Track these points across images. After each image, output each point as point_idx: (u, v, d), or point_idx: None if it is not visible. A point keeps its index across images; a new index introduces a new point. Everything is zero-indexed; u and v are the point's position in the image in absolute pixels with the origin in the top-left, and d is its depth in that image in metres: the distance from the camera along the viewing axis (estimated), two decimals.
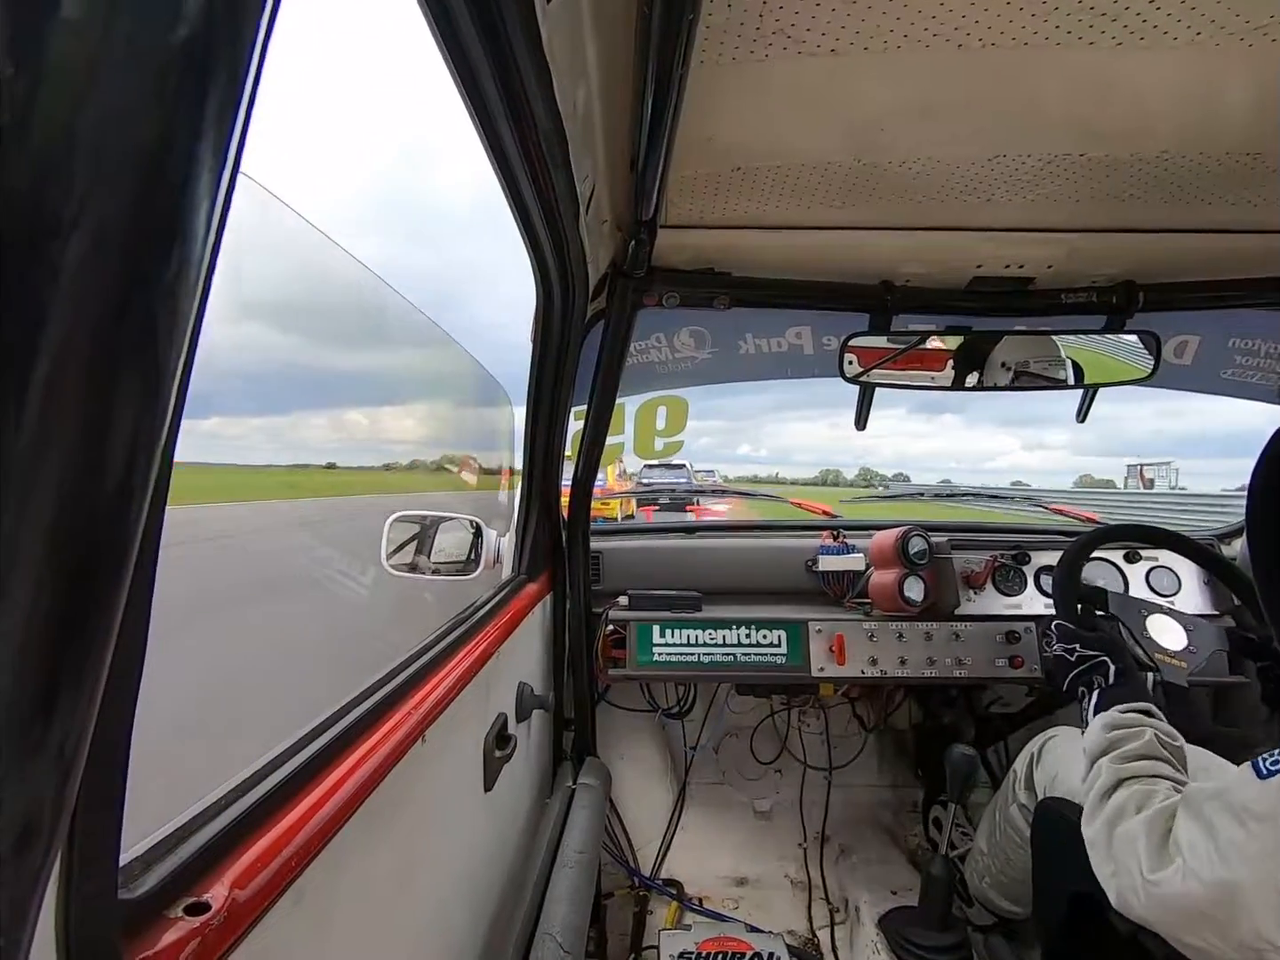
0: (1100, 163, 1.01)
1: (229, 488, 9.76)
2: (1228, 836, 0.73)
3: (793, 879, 1.94)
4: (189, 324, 0.22)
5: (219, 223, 0.23)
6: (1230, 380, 1.57)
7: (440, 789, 0.87)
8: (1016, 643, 1.56)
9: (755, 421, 45.63)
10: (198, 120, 0.21)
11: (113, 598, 0.22)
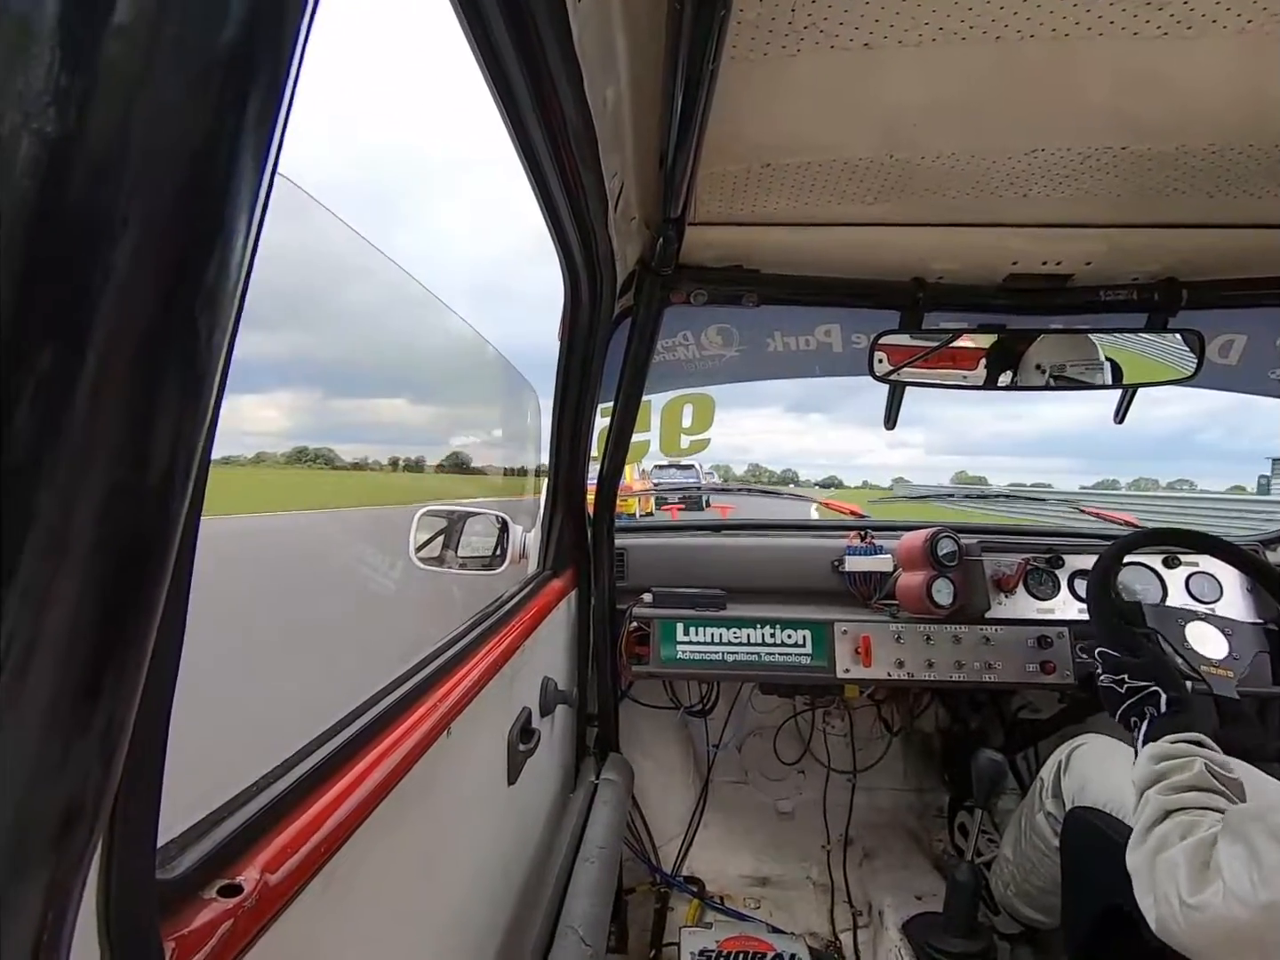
0: (1143, 156, 0.98)
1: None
2: (1271, 858, 0.71)
3: (815, 881, 1.92)
4: (229, 324, 0.23)
5: (258, 224, 0.23)
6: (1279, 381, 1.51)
7: (464, 781, 0.88)
8: (1049, 648, 1.53)
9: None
10: (240, 122, 0.21)
11: (156, 587, 0.23)
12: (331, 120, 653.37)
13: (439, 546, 1.44)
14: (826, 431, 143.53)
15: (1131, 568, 1.65)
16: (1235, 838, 0.76)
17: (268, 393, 11.80)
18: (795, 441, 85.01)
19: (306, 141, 5.29)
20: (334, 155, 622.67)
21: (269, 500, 11.45)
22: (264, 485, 15.20)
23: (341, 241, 1.15)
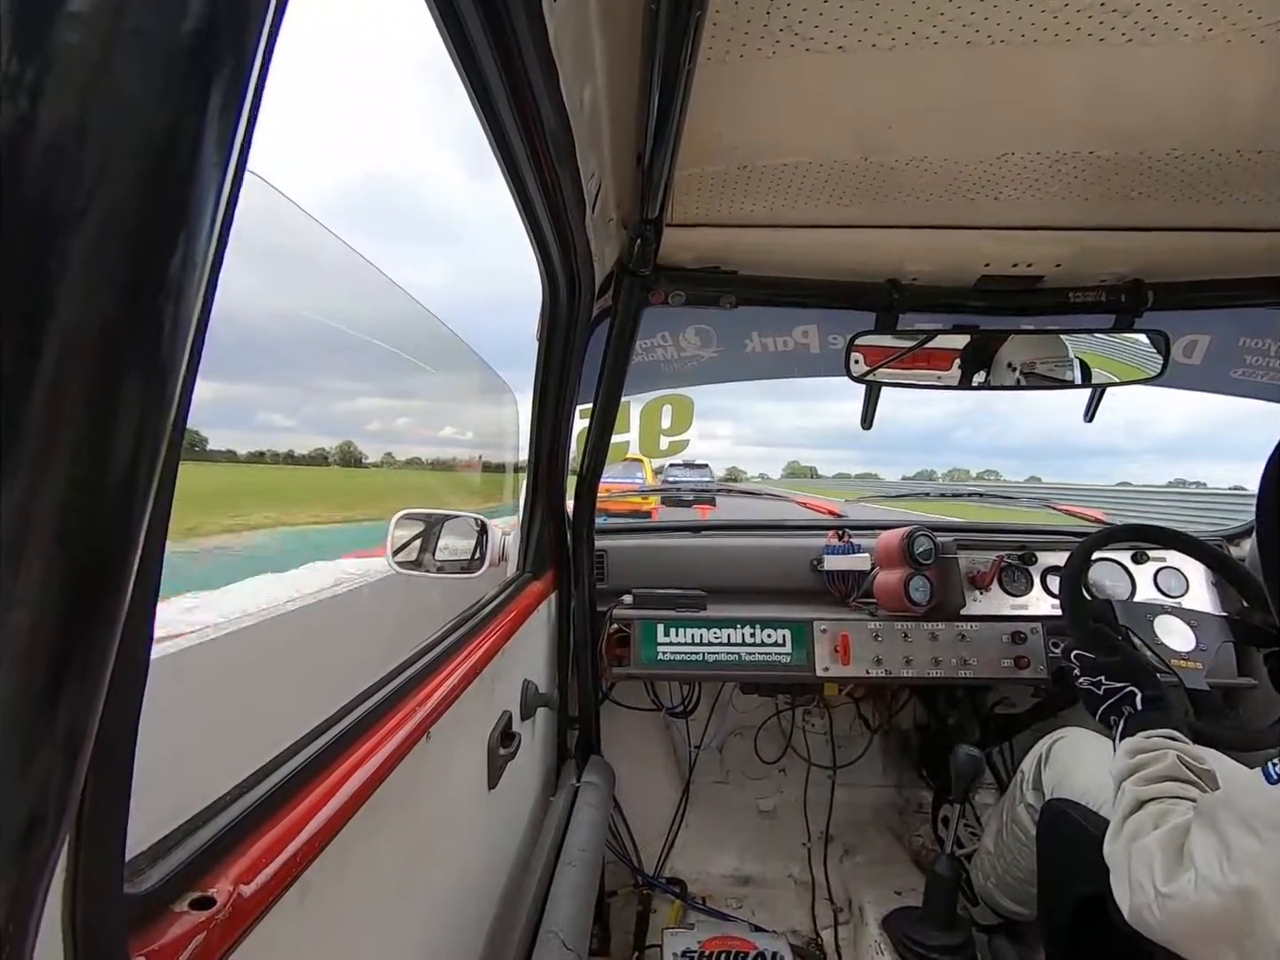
0: (1110, 161, 1.00)
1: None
2: (1241, 845, 0.72)
3: (796, 879, 1.93)
4: (193, 318, 0.22)
5: (225, 218, 0.23)
6: (1241, 380, 1.55)
7: (444, 786, 0.87)
8: (1023, 643, 1.56)
9: (456, 404, 44.93)
10: (203, 113, 0.21)
11: (118, 589, 0.22)
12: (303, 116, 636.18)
13: (416, 550, 1.42)
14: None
15: (1102, 564, 1.69)
16: (1206, 826, 0.78)
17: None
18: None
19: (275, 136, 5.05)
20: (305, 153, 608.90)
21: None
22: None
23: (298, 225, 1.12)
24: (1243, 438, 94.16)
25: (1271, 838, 0.70)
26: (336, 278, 1.53)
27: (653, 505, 8.91)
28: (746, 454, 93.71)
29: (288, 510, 8.45)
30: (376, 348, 3.01)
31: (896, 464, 73.25)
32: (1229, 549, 1.77)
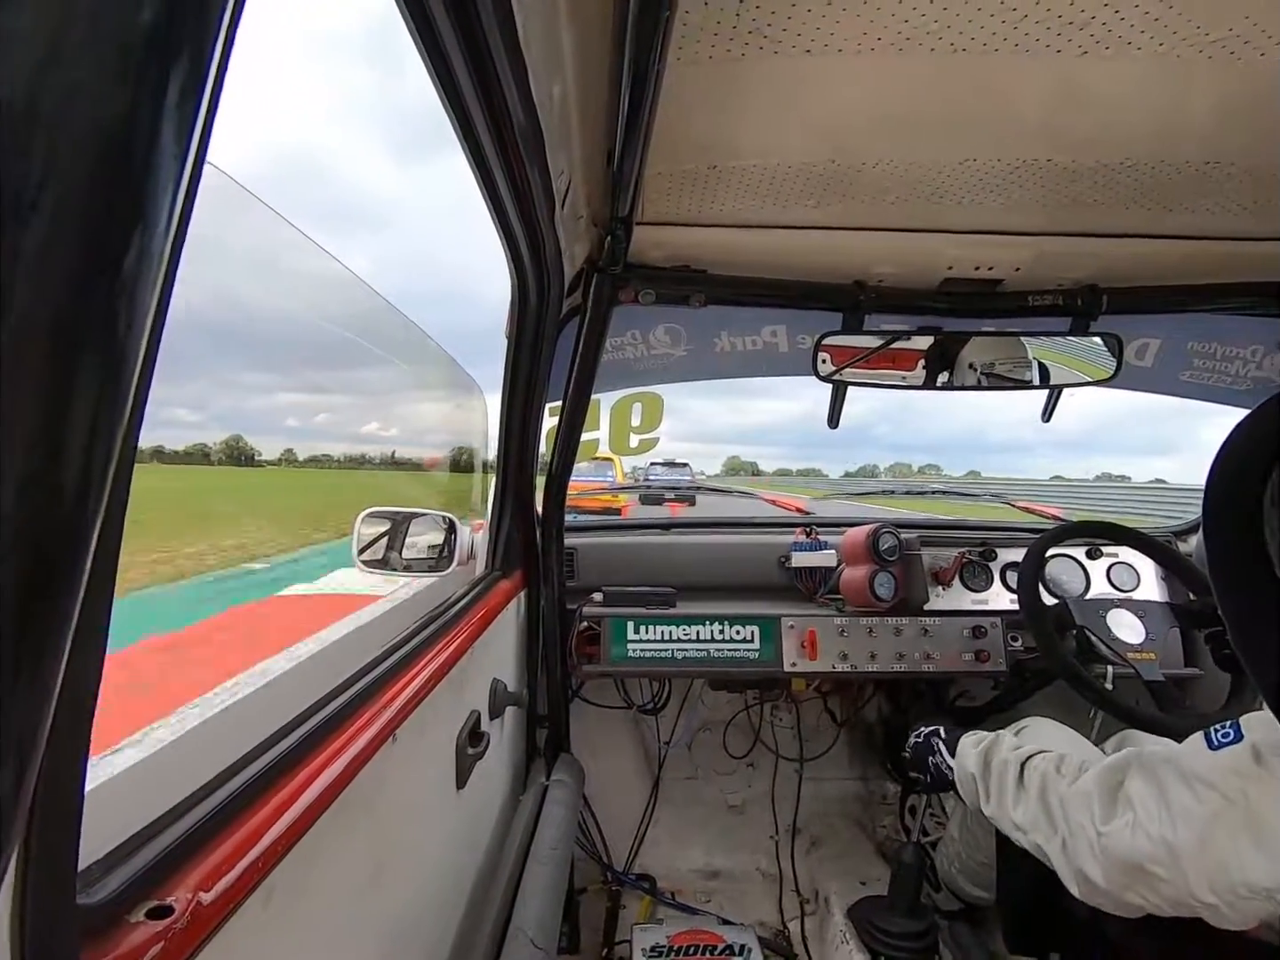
0: (1067, 168, 1.03)
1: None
2: (1179, 800, 0.78)
3: (764, 871, 1.96)
4: (150, 312, 0.22)
5: (183, 210, 0.22)
6: (1188, 382, 1.61)
7: (412, 788, 0.86)
8: (983, 637, 1.60)
9: (384, 399, 45.12)
10: (160, 102, 0.20)
11: (70, 589, 0.22)
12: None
13: (383, 548, 1.40)
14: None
15: (1058, 560, 1.74)
16: (1149, 776, 0.83)
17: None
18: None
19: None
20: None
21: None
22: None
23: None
24: (1129, 434, 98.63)
25: (1207, 797, 0.76)
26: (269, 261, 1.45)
27: (623, 503, 8.92)
28: (682, 450, 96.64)
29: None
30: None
31: (834, 460, 75.65)
32: (1177, 544, 1.84)
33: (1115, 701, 1.28)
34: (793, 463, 78.41)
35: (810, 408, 16.99)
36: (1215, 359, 1.57)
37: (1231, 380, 1.59)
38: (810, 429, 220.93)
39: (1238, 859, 0.72)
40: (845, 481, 37.78)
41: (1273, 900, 0.71)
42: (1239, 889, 0.73)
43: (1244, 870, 0.72)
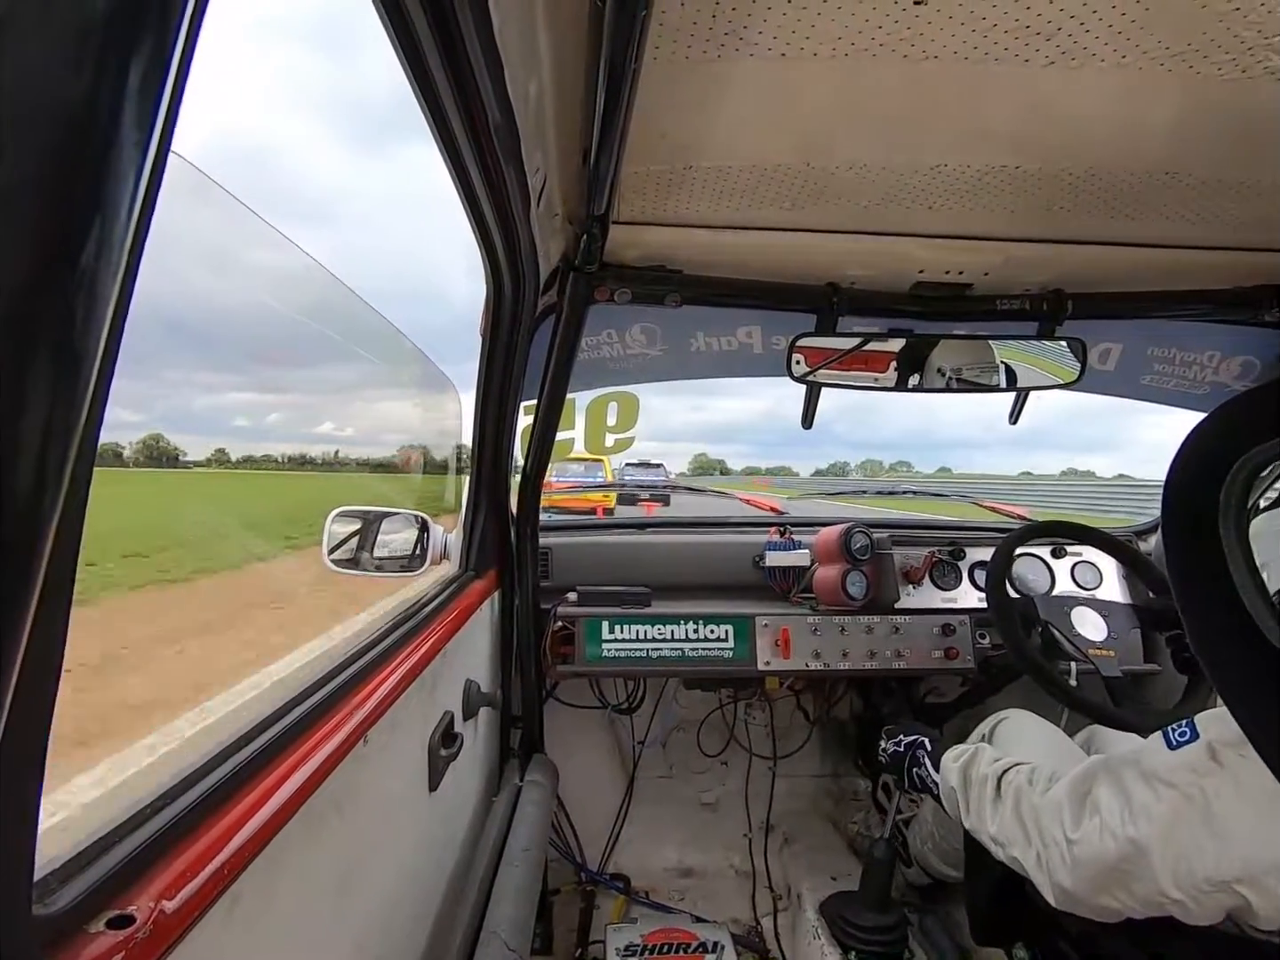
0: (1034, 175, 1.06)
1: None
2: (1140, 799, 0.80)
3: (737, 868, 1.97)
4: (109, 307, 0.21)
5: (145, 200, 0.22)
6: (1149, 386, 1.66)
7: (383, 790, 0.85)
8: (952, 635, 1.63)
9: (343, 397, 47.00)
10: (120, 87, 0.19)
11: (23, 591, 0.21)
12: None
13: (354, 548, 1.38)
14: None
15: (1024, 559, 1.78)
16: (1113, 780, 0.85)
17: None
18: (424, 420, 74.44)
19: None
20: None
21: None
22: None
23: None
24: (1073, 432, 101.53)
25: (1166, 794, 0.78)
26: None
27: (611, 502, 8.94)
28: (647, 449, 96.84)
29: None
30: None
31: (796, 457, 76.78)
32: (1138, 543, 1.90)
33: (1078, 697, 1.31)
34: (758, 460, 79.70)
35: (772, 405, 17.41)
36: (1174, 364, 1.62)
37: (1189, 385, 1.63)
38: (772, 426, 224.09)
39: (1198, 853, 0.75)
40: (815, 481, 38.26)
41: (1233, 892, 0.74)
42: (1201, 884, 0.75)
43: (1204, 864, 0.74)
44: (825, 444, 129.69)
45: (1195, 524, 0.70)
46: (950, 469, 71.02)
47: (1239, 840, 0.73)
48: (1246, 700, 0.70)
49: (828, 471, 65.06)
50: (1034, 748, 1.25)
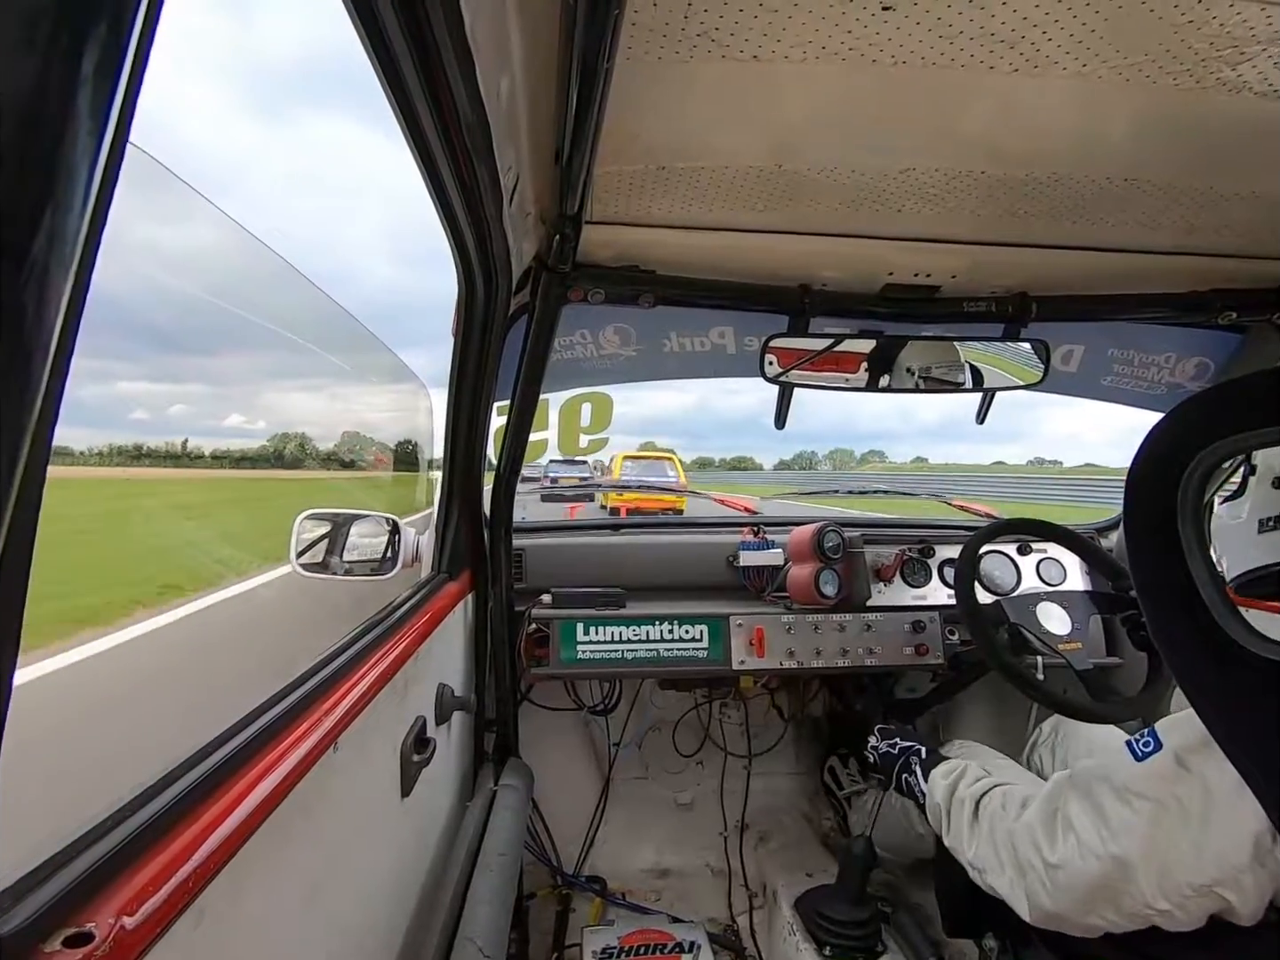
0: (1000, 180, 1.08)
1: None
2: (1116, 815, 0.81)
3: (713, 868, 1.98)
4: (62, 301, 0.20)
5: (101, 191, 0.21)
6: (1109, 387, 1.70)
7: (354, 797, 0.84)
8: (922, 631, 1.65)
9: (253, 388, 47.50)
10: (73, 74, 0.19)
11: None
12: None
13: (323, 551, 1.35)
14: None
15: (991, 556, 1.81)
16: (1083, 796, 0.86)
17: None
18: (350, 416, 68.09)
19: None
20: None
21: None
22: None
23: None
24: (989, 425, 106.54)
25: (1142, 808, 0.79)
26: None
27: (683, 503, 9.02)
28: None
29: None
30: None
31: (764, 450, 77.63)
32: (1099, 540, 1.95)
33: (1046, 691, 1.34)
34: (687, 452, 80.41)
35: (701, 399, 17.76)
36: (1134, 365, 1.67)
37: (1148, 385, 1.68)
38: (702, 419, 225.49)
39: (1179, 859, 0.77)
40: (779, 474, 38.26)
41: (1215, 896, 0.76)
42: (1184, 889, 0.77)
43: (1186, 869, 0.76)
44: (753, 435, 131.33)
45: (1155, 521, 0.72)
46: (925, 458, 72.05)
47: (1214, 841, 0.75)
48: (1206, 691, 0.72)
49: (792, 462, 65.46)
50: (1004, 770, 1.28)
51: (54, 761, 1.67)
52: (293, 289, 1.84)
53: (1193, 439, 0.70)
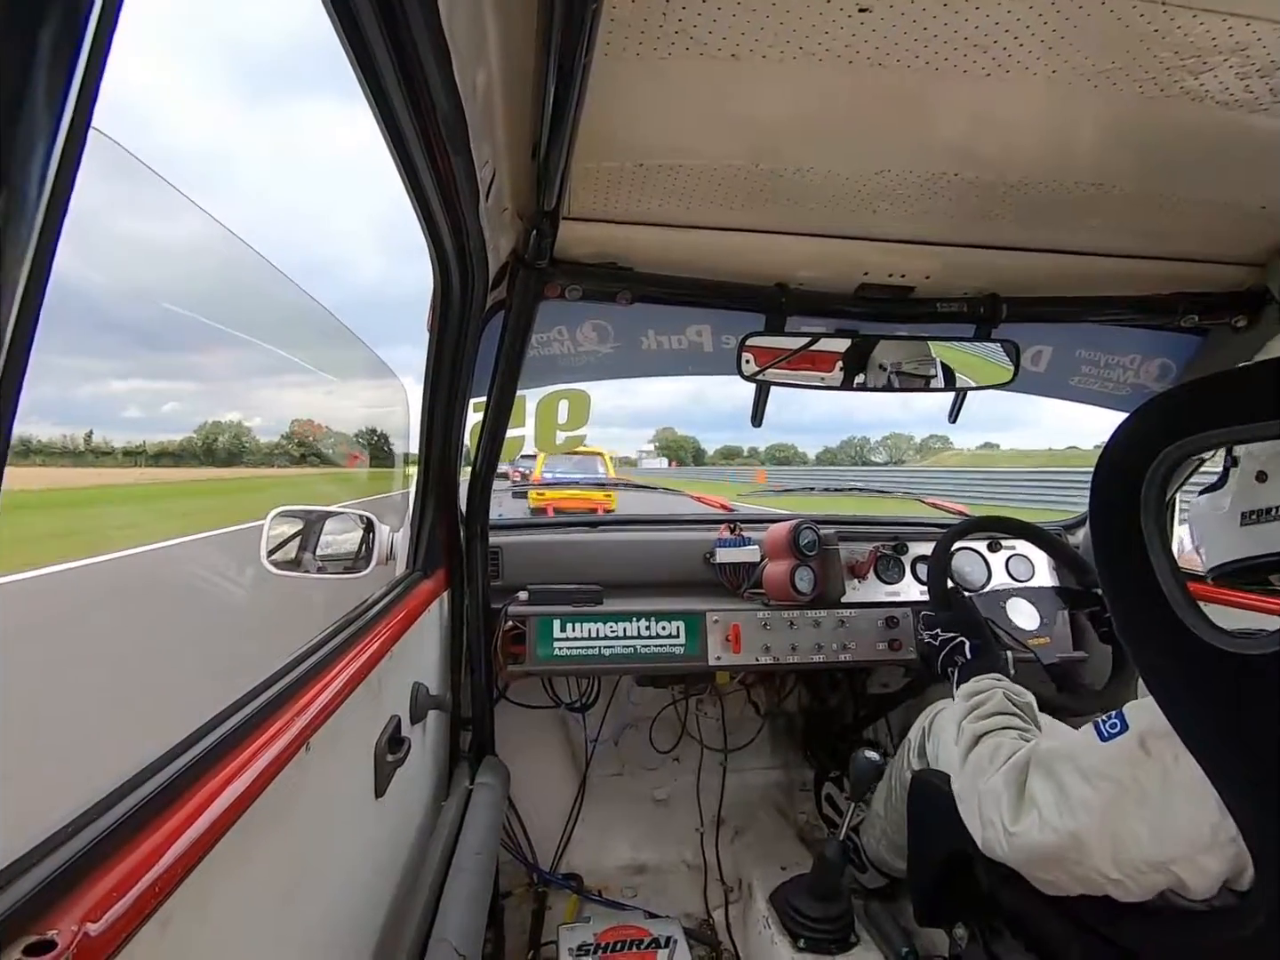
0: (972, 183, 1.09)
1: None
2: (1076, 792, 0.84)
3: (689, 863, 1.99)
4: (17, 292, 0.20)
5: (60, 181, 0.20)
6: (1077, 387, 1.74)
7: (327, 799, 0.83)
8: (895, 627, 1.67)
9: (248, 384, 48.27)
10: (27, 56, 0.18)
11: None
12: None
13: (295, 549, 1.33)
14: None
15: (962, 553, 1.85)
16: (1047, 773, 0.89)
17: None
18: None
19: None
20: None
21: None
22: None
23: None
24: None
25: (1102, 786, 0.82)
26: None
27: (613, 502, 8.80)
28: (594, 436, 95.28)
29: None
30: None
31: (805, 432, 78.18)
32: (1066, 537, 1.99)
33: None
34: (710, 444, 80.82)
35: (698, 388, 17.91)
36: (1100, 366, 1.71)
37: (1114, 386, 1.72)
38: (701, 409, 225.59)
39: (1134, 838, 0.79)
40: (770, 468, 38.37)
41: (1168, 872, 0.78)
42: (1139, 864, 0.79)
43: (1141, 847, 0.79)
44: (682, 425, 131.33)
45: (1119, 517, 0.74)
46: (996, 444, 71.59)
47: (1172, 824, 0.77)
48: (1168, 684, 0.74)
49: (839, 452, 66.93)
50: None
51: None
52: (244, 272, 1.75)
53: (1156, 438, 0.72)
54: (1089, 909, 0.89)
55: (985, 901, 1.07)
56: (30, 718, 2.85)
